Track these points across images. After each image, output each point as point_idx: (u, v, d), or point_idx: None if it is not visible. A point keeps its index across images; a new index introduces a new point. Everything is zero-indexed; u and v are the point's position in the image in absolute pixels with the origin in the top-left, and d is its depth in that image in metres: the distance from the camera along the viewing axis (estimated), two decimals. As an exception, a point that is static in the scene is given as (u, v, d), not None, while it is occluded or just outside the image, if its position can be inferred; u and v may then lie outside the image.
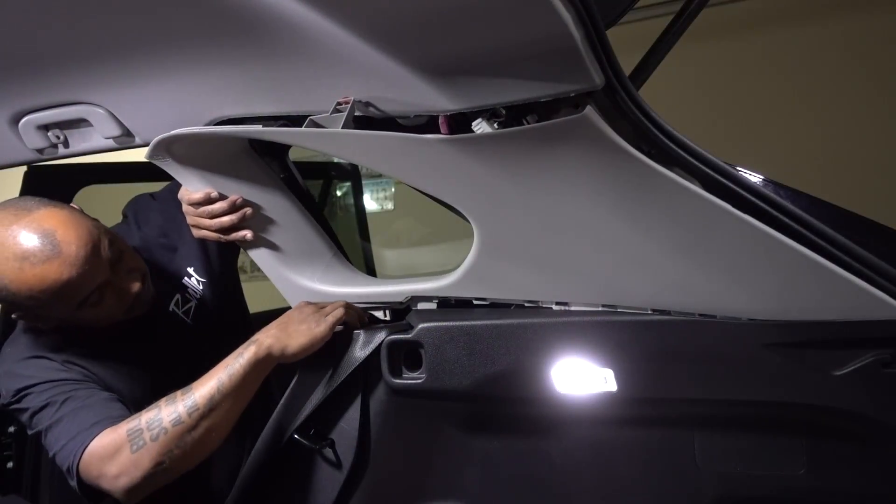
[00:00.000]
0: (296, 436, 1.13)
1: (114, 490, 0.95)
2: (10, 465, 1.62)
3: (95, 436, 0.96)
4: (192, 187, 1.11)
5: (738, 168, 0.87)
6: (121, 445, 0.94)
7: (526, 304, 1.05)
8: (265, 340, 0.99)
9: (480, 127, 0.88)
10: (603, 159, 0.86)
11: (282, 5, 0.79)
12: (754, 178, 0.89)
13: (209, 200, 1.10)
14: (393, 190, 3.48)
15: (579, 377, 0.99)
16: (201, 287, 1.32)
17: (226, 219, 1.10)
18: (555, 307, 1.03)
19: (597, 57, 0.79)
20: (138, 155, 1.20)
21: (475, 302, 1.09)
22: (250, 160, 1.15)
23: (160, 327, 1.24)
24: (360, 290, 1.15)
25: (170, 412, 0.95)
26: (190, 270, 1.31)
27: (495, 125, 0.88)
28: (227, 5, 0.81)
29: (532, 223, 0.96)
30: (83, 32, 0.90)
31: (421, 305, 1.13)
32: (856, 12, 2.61)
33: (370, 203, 3.43)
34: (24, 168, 1.54)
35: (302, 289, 1.16)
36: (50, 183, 1.62)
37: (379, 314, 1.17)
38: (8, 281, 1.00)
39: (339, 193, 2.60)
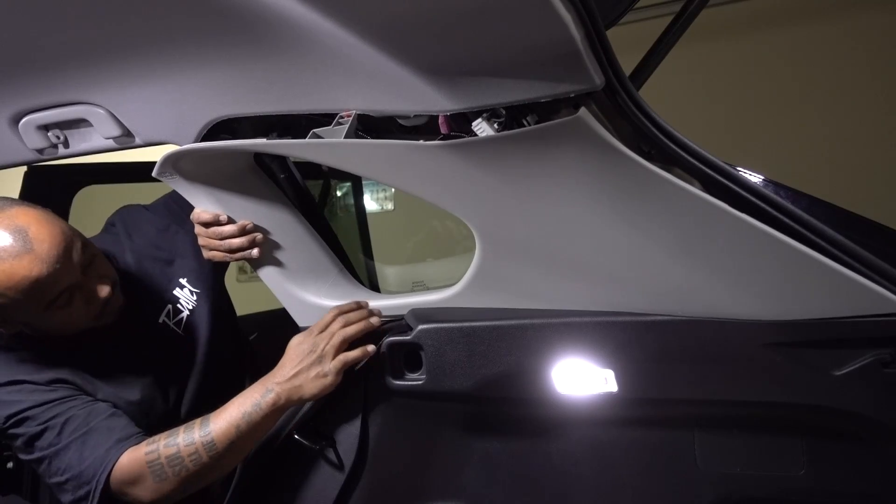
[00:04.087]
0: (296, 436, 1.13)
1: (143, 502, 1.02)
2: (10, 465, 1.63)
3: (115, 461, 1.00)
4: (200, 205, 1.12)
5: (738, 168, 0.87)
6: (143, 474, 1.00)
7: None
8: (282, 392, 1.03)
9: (480, 127, 0.88)
10: (599, 161, 0.86)
11: (281, 5, 0.79)
12: (754, 178, 0.89)
13: (219, 222, 1.11)
14: (393, 190, 3.48)
15: (580, 378, 0.99)
16: (195, 297, 1.30)
17: (235, 241, 1.11)
18: None
19: (597, 57, 0.79)
20: (138, 155, 1.20)
21: None
22: (256, 177, 1.15)
23: (150, 339, 1.22)
24: None
25: (189, 452, 1.01)
26: (183, 281, 1.29)
27: (495, 125, 0.88)
28: (226, 5, 0.81)
29: (532, 229, 0.96)
30: (83, 33, 0.90)
31: None
32: (857, 10, 2.61)
33: (370, 203, 3.43)
34: (24, 168, 1.54)
35: (308, 305, 1.16)
36: (50, 183, 1.62)
37: None
38: None
39: (339, 193, 2.60)
